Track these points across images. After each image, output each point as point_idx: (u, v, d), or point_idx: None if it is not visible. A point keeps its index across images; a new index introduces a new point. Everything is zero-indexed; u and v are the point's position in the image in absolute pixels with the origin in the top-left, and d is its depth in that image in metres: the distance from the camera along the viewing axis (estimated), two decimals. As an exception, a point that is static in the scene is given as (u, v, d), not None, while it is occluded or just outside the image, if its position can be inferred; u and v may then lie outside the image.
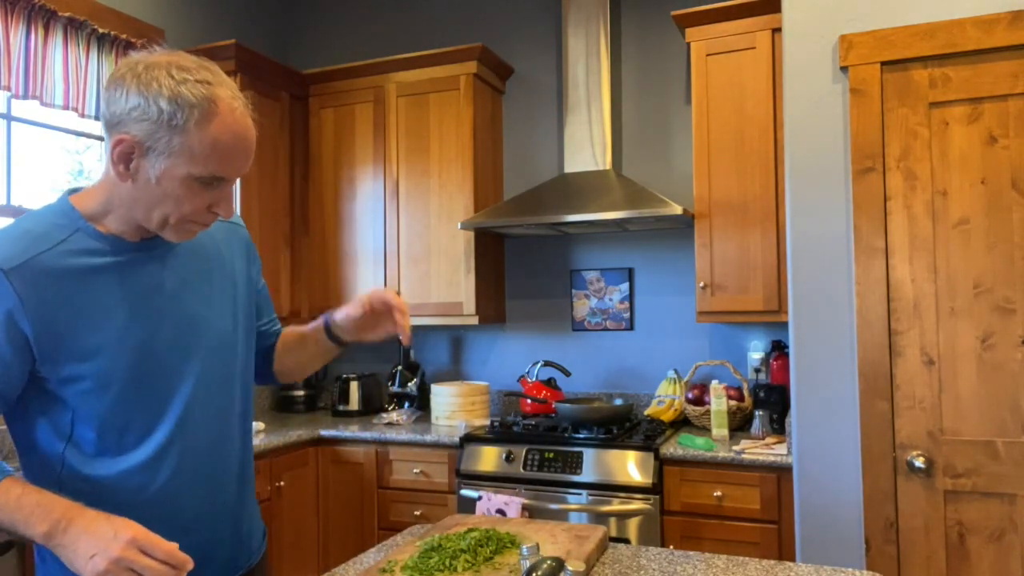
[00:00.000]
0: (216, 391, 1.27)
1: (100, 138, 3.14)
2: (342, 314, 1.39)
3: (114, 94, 1.09)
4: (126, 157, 1.10)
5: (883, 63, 2.17)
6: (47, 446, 1.16)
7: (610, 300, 3.36)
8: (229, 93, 1.11)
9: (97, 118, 2.91)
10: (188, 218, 1.14)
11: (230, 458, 1.30)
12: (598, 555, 1.43)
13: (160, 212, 1.12)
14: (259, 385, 1.57)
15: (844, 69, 2.22)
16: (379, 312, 1.36)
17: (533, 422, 2.95)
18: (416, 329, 3.73)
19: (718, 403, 2.80)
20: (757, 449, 2.55)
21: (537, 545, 1.21)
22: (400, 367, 3.48)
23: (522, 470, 2.73)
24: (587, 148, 3.17)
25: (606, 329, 3.36)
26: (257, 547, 1.40)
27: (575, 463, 2.67)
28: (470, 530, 1.45)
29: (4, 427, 2.61)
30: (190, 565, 1.00)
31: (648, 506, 2.55)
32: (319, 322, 1.43)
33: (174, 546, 0.99)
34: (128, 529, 0.99)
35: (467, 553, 1.33)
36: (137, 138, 1.08)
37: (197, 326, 1.25)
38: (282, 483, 2.92)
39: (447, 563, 1.30)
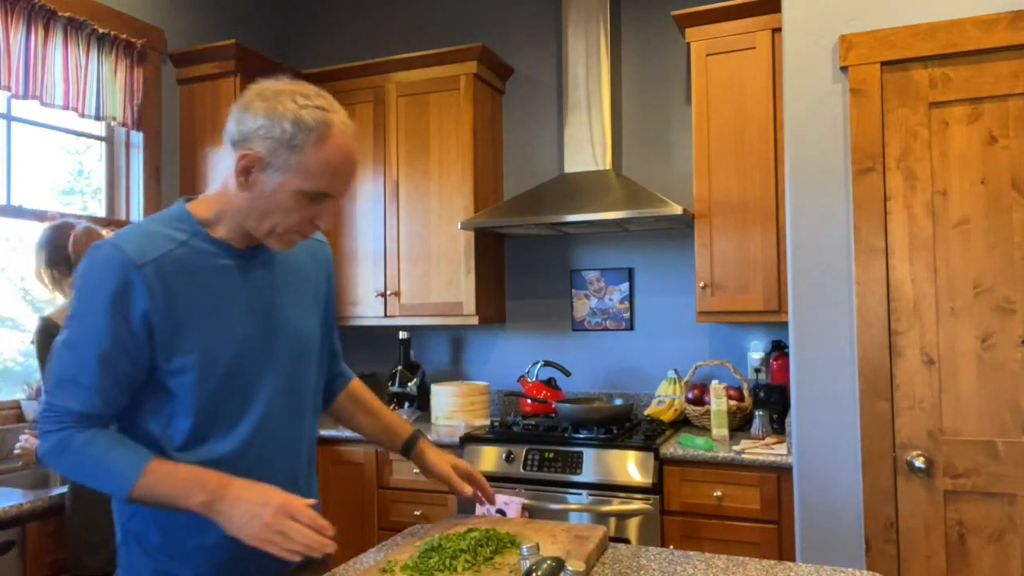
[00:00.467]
0: (296, 392, 1.38)
1: (100, 138, 3.14)
2: (431, 459, 1.59)
3: (243, 114, 1.23)
4: (247, 170, 1.23)
5: (883, 63, 2.17)
6: (147, 431, 1.26)
7: (610, 300, 3.36)
8: (341, 119, 1.25)
9: (96, 118, 2.92)
10: (294, 229, 1.26)
11: (300, 455, 1.41)
12: (598, 555, 1.43)
13: (270, 222, 1.25)
14: None
15: (844, 69, 2.22)
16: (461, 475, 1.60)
17: (533, 422, 2.95)
18: (416, 329, 3.73)
19: (718, 403, 2.80)
20: (757, 449, 2.55)
21: (537, 545, 1.21)
22: (400, 367, 3.48)
23: (522, 470, 2.73)
24: (587, 148, 3.17)
25: (606, 329, 3.36)
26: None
27: (575, 463, 2.67)
28: (470, 530, 1.45)
29: (5, 427, 2.61)
30: (331, 530, 1.13)
31: (648, 506, 2.55)
32: (404, 432, 1.62)
33: (314, 513, 1.12)
34: (276, 495, 1.11)
35: (467, 553, 1.33)
36: (259, 154, 1.21)
37: (288, 330, 1.37)
38: (282, 483, 2.92)
39: (447, 563, 1.30)
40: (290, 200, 1.23)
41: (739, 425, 2.94)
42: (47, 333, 2.09)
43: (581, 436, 2.74)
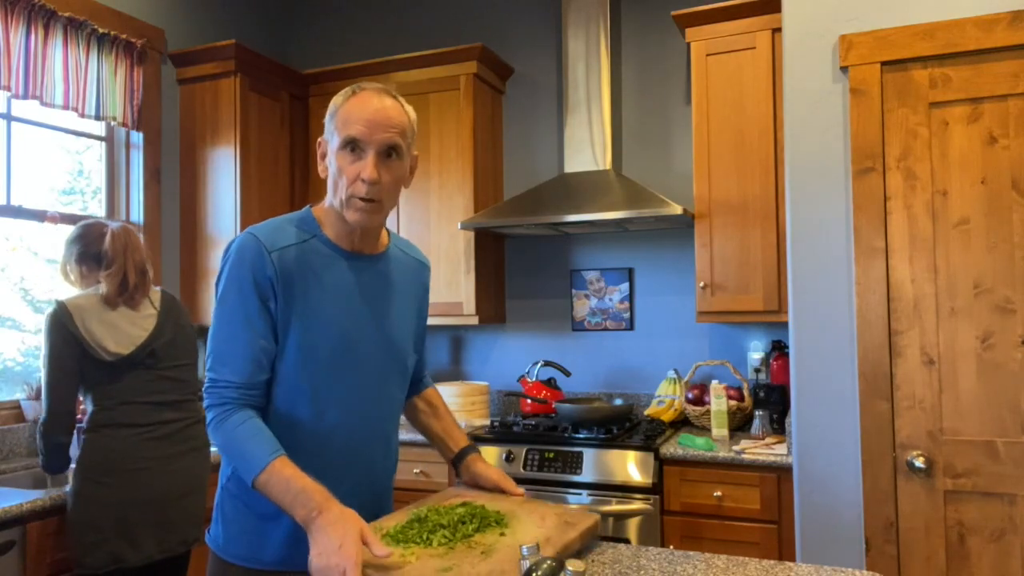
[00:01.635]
0: (381, 396, 1.51)
1: (100, 138, 3.14)
2: (481, 468, 1.64)
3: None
4: (322, 156, 1.45)
5: (883, 63, 2.17)
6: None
7: (610, 300, 3.36)
8: (376, 87, 1.42)
9: (96, 118, 2.92)
10: (351, 191, 1.38)
11: (376, 455, 1.52)
12: (581, 543, 1.42)
13: (338, 190, 1.39)
14: None
15: (844, 69, 2.22)
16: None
17: (533, 422, 2.95)
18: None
19: (718, 403, 2.80)
20: (757, 449, 2.55)
21: (537, 545, 1.21)
22: (400, 367, 3.47)
23: (522, 470, 2.73)
24: (587, 148, 3.17)
25: (606, 329, 3.36)
26: None
27: (575, 463, 2.67)
28: (462, 504, 1.46)
29: (5, 427, 2.61)
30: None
31: (648, 506, 2.55)
32: (461, 443, 1.68)
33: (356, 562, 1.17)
34: (349, 547, 1.17)
35: (446, 529, 1.34)
36: (323, 138, 1.44)
37: (383, 335, 1.50)
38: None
39: (424, 536, 1.31)
40: (338, 160, 1.39)
41: (739, 425, 2.94)
42: (56, 317, 2.10)
43: (581, 436, 2.74)
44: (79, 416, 2.29)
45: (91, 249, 2.24)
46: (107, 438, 2.09)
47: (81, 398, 2.17)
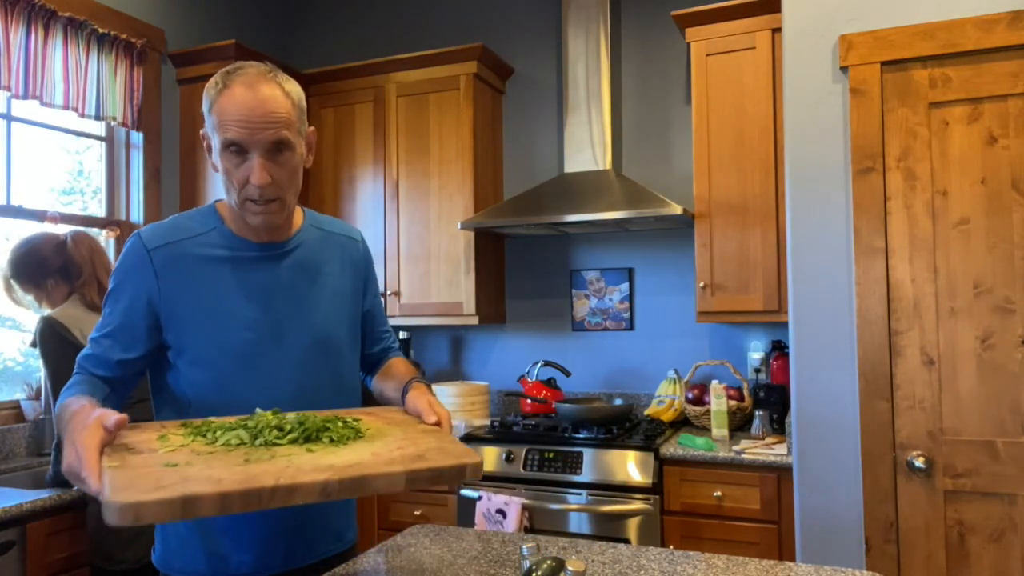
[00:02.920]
0: (311, 388, 1.40)
1: (100, 138, 3.14)
2: (407, 401, 1.39)
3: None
4: (207, 150, 1.34)
5: (883, 63, 2.17)
6: (171, 403, 1.36)
7: (610, 300, 3.36)
8: (248, 72, 1.28)
9: (96, 118, 2.91)
10: (244, 195, 1.29)
11: None
12: (431, 480, 1.05)
13: (230, 191, 1.30)
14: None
15: (844, 69, 2.22)
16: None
17: (533, 422, 2.95)
18: (416, 329, 3.73)
19: (718, 403, 2.80)
20: (757, 449, 2.55)
21: (537, 545, 1.21)
22: (400, 367, 3.47)
23: (522, 470, 2.73)
24: (587, 148, 3.17)
25: (606, 329, 3.36)
26: (350, 539, 1.51)
27: (575, 463, 2.67)
28: (330, 418, 1.20)
29: (5, 427, 2.61)
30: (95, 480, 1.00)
31: (648, 506, 2.55)
32: (404, 380, 1.49)
33: (90, 468, 1.00)
34: (77, 443, 1.02)
35: (280, 431, 1.12)
36: (204, 130, 1.33)
37: (303, 324, 1.40)
38: (282, 483, 2.92)
39: (217, 435, 1.10)
40: (224, 161, 1.29)
41: (739, 425, 2.94)
42: (52, 331, 2.09)
43: (581, 436, 2.74)
44: None
45: (55, 262, 2.21)
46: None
47: None
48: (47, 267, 2.20)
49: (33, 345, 2.16)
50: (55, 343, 2.08)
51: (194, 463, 1.00)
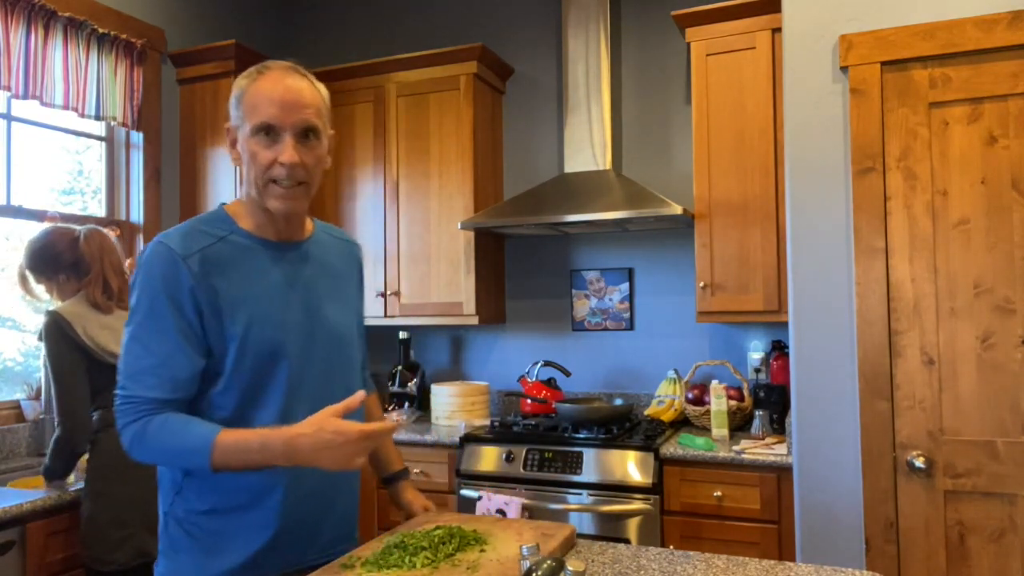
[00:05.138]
0: (335, 387, 1.42)
1: (100, 138, 3.14)
2: (409, 497, 1.65)
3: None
4: (232, 144, 1.37)
5: (883, 63, 2.17)
6: (200, 415, 1.32)
7: (610, 300, 3.36)
8: (284, 65, 1.35)
9: (96, 118, 2.91)
10: (268, 177, 1.32)
11: None
12: (562, 552, 1.44)
13: (252, 176, 1.33)
14: None
15: (844, 69, 2.22)
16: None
17: (533, 422, 2.95)
18: (416, 329, 3.73)
19: (718, 403, 2.80)
20: (757, 449, 2.55)
21: (537, 545, 1.21)
22: (400, 367, 3.48)
23: (522, 470, 2.73)
24: (587, 148, 3.17)
25: (606, 329, 3.36)
26: (355, 537, 1.53)
27: (575, 463, 2.67)
28: (436, 527, 1.47)
29: (5, 427, 2.61)
30: (381, 425, 1.22)
31: (648, 506, 2.55)
32: (396, 464, 1.68)
33: (379, 427, 1.21)
34: (329, 434, 1.18)
35: (428, 550, 1.34)
36: (231, 124, 1.37)
37: (327, 324, 1.43)
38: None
39: (407, 560, 1.31)
40: (252, 145, 1.31)
41: (739, 425, 2.94)
42: (56, 326, 2.10)
43: (581, 436, 2.74)
44: None
45: (68, 258, 2.22)
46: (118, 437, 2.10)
47: None
48: (60, 262, 2.22)
49: (40, 339, 2.17)
50: (56, 337, 2.09)
51: None
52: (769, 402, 2.86)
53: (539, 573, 1.11)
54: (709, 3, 3.16)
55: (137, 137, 3.16)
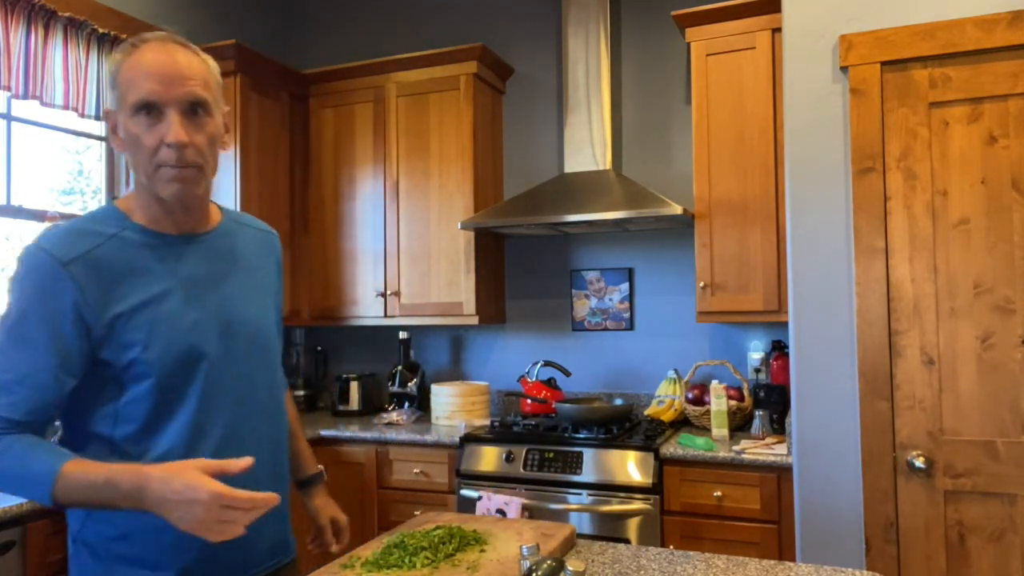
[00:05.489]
0: (255, 385, 1.33)
1: (100, 138, 3.14)
2: (319, 503, 1.60)
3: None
4: (112, 129, 1.24)
5: (883, 63, 2.17)
6: (96, 431, 1.20)
7: (610, 300, 3.36)
8: (161, 35, 1.22)
9: (96, 118, 2.91)
10: (156, 162, 1.19)
11: (266, 450, 1.34)
12: (562, 552, 1.44)
13: (140, 162, 1.20)
14: None
15: (844, 69, 2.22)
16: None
17: (533, 422, 2.95)
18: (416, 329, 3.73)
19: (718, 403, 2.80)
20: (757, 449, 2.55)
21: (537, 545, 1.21)
22: (400, 367, 3.48)
23: (522, 470, 2.73)
24: (587, 148, 3.17)
25: (606, 329, 3.36)
26: (292, 550, 1.46)
27: (575, 463, 2.67)
28: (436, 528, 1.47)
29: None
30: (275, 500, 1.04)
31: (648, 506, 2.55)
32: (310, 468, 1.61)
33: (248, 495, 1.02)
34: (200, 490, 1.01)
35: (428, 550, 1.34)
36: (109, 107, 1.23)
37: (241, 319, 1.31)
38: (282, 483, 2.92)
39: (407, 560, 1.31)
40: (134, 127, 1.18)
41: (739, 425, 2.94)
42: None
43: (581, 436, 2.74)
44: None
45: None
46: None
47: None
48: None
49: None
50: None
51: None
52: (769, 402, 2.86)
53: (539, 573, 1.11)
54: (709, 3, 3.16)
55: (137, 137, 3.16)
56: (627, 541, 2.56)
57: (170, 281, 1.24)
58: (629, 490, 2.59)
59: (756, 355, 2.98)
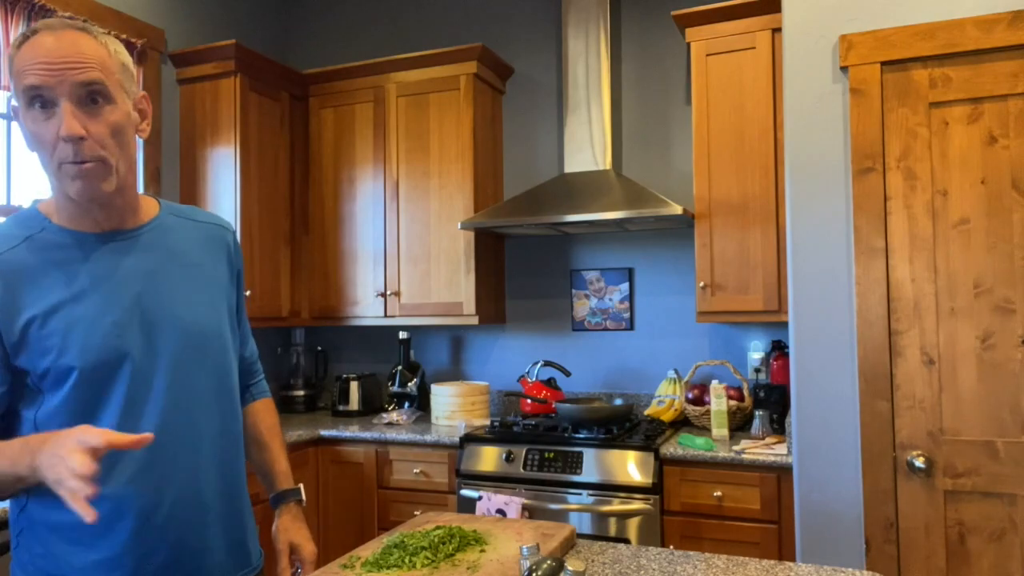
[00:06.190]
0: (190, 390, 1.24)
1: (100, 138, 3.14)
2: (281, 525, 1.42)
3: None
4: (22, 127, 1.14)
5: (883, 63, 2.17)
6: (19, 435, 1.16)
7: (610, 300, 3.36)
8: (57, 20, 1.13)
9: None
10: (57, 158, 1.11)
11: (201, 459, 1.25)
12: (562, 552, 1.44)
13: (43, 160, 1.13)
14: None
15: (844, 69, 2.22)
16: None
17: (533, 422, 2.95)
18: (416, 329, 3.73)
19: (718, 403, 2.80)
20: (757, 449, 2.55)
21: (537, 545, 1.21)
22: (400, 367, 3.48)
23: (522, 470, 2.73)
24: (587, 148, 3.17)
25: (606, 329, 3.36)
26: (256, 560, 1.38)
27: (575, 463, 2.67)
28: (436, 528, 1.47)
29: None
30: (92, 487, 0.95)
31: (648, 506, 2.55)
32: (284, 484, 1.46)
33: (88, 463, 0.95)
34: (65, 440, 0.97)
35: (428, 550, 1.34)
36: (14, 103, 1.14)
37: (173, 319, 1.23)
38: (282, 483, 2.92)
39: (407, 560, 1.31)
40: (31, 123, 1.10)
41: (739, 425, 2.94)
42: None
43: (581, 436, 2.74)
44: None
45: None
46: None
47: None
48: None
49: None
50: None
51: None
52: (769, 402, 2.86)
53: (539, 573, 1.11)
54: (709, 3, 3.16)
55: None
56: (627, 541, 2.56)
57: (87, 281, 1.16)
58: (629, 490, 2.59)
59: (756, 355, 2.98)
